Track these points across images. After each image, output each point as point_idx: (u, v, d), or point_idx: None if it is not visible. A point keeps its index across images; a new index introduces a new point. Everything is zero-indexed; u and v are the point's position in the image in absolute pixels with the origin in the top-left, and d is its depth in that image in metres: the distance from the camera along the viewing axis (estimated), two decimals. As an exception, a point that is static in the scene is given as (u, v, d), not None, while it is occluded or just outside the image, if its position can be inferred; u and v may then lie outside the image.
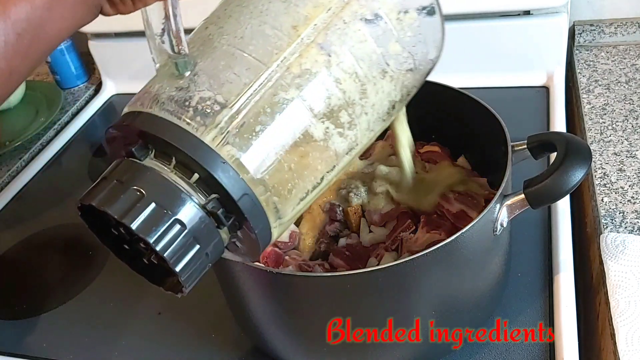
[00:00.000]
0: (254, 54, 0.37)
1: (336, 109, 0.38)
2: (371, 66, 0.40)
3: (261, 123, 0.36)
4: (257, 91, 0.37)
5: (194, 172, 0.36)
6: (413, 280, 0.49)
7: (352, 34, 0.39)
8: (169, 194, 0.35)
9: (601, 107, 0.83)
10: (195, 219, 0.36)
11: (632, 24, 0.95)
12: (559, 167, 0.51)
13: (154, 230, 0.34)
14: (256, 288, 0.53)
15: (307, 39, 0.38)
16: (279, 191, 0.37)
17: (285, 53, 0.37)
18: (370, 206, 0.62)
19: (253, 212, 0.37)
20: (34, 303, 0.75)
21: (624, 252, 0.59)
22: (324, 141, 0.38)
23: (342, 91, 0.38)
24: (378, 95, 0.41)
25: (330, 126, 0.38)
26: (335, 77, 0.38)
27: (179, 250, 0.35)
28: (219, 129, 0.36)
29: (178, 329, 0.67)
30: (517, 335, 0.59)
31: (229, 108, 0.36)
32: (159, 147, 0.36)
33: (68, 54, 1.17)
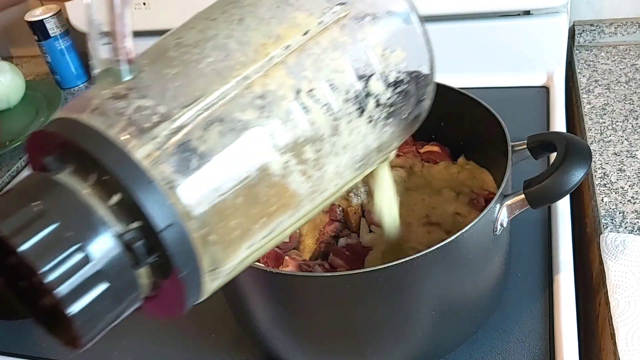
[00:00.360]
0: (212, 66, 0.32)
1: (300, 141, 0.33)
2: (348, 101, 0.35)
3: (207, 144, 0.30)
4: (209, 106, 0.31)
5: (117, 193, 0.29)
6: (413, 280, 0.49)
7: (329, 61, 0.34)
8: (77, 216, 0.28)
9: (601, 107, 0.83)
10: (105, 251, 0.28)
11: (632, 24, 0.95)
12: (559, 167, 0.51)
13: (46, 258, 0.27)
14: (256, 288, 0.53)
15: (276, 59, 0.33)
16: (218, 230, 0.31)
17: (249, 70, 0.32)
18: (370, 206, 0.62)
19: (180, 249, 0.29)
20: (34, 303, 0.75)
21: (624, 252, 0.59)
22: (281, 177, 0.32)
23: (310, 122, 0.33)
24: (352, 136, 0.35)
25: (291, 160, 0.33)
26: (303, 104, 0.33)
27: (77, 288, 0.27)
28: (155, 144, 0.29)
29: (178, 329, 0.67)
30: (517, 335, 0.59)
31: (171, 121, 0.30)
32: (80, 161, 0.30)
33: (68, 54, 1.17)
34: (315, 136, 0.34)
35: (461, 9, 0.91)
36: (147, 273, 0.30)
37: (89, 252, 0.28)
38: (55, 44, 1.15)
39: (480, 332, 0.59)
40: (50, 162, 0.30)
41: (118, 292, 0.29)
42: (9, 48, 1.37)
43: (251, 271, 0.51)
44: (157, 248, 0.29)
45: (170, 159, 0.29)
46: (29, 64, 1.33)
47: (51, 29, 1.13)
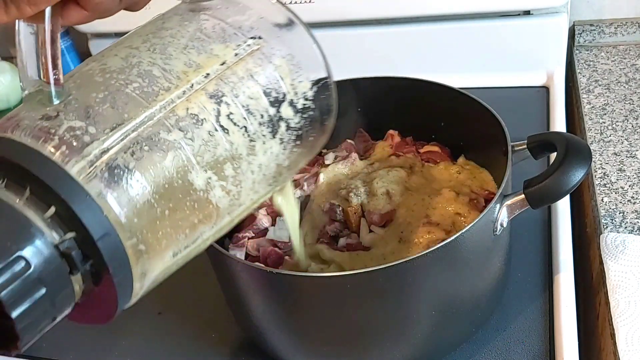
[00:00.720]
0: (138, 91, 0.35)
1: (221, 160, 0.36)
2: (262, 124, 0.38)
3: (136, 162, 0.33)
4: (136, 127, 0.34)
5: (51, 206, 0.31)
6: (413, 280, 0.49)
7: (245, 89, 0.38)
8: (15, 226, 0.30)
9: (601, 107, 0.83)
10: (43, 259, 0.30)
11: (632, 24, 0.95)
12: (559, 167, 0.51)
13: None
14: (256, 288, 0.53)
15: (197, 86, 0.36)
16: (148, 240, 0.33)
17: (172, 95, 0.35)
18: (370, 206, 0.62)
19: (114, 256, 0.32)
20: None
21: (624, 252, 0.59)
22: (204, 192, 0.36)
23: (229, 142, 0.37)
24: (266, 155, 0.39)
25: (213, 177, 0.36)
26: (223, 127, 0.36)
27: (19, 293, 0.29)
28: (87, 162, 0.32)
29: (178, 329, 0.67)
30: (517, 335, 0.59)
31: (101, 141, 0.33)
32: (12, 177, 0.31)
33: (68, 54, 1.17)
34: (234, 155, 0.37)
35: (461, 9, 0.91)
36: (79, 280, 0.32)
37: (29, 260, 0.30)
38: (55, 44, 1.14)
39: (480, 332, 0.59)
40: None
41: (55, 297, 0.31)
42: (9, 48, 1.37)
43: (251, 271, 0.51)
44: (91, 256, 0.32)
45: (102, 175, 0.32)
46: (29, 64, 1.33)
47: (51, 29, 1.13)
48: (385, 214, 0.61)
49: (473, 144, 0.66)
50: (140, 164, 0.33)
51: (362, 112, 0.72)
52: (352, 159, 0.69)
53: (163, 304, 0.70)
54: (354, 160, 0.69)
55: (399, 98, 0.69)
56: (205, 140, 0.36)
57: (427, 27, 0.96)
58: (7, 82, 1.12)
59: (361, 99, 0.71)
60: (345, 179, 0.67)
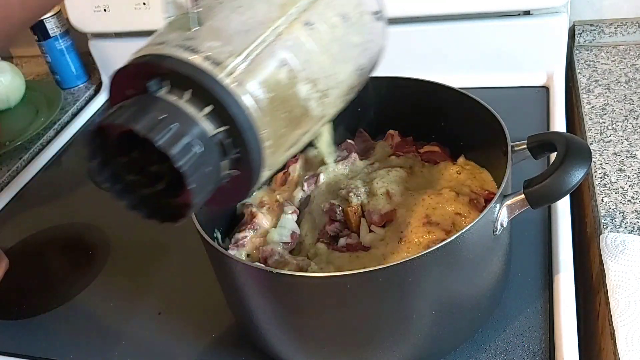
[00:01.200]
0: (253, 19, 0.43)
1: (316, 76, 0.45)
2: (341, 49, 0.47)
3: (262, 73, 0.42)
4: (258, 47, 0.42)
5: (206, 106, 0.40)
6: (413, 280, 0.49)
7: (327, 19, 0.46)
8: (185, 120, 0.39)
9: (601, 107, 0.83)
10: (207, 144, 0.39)
11: (632, 24, 0.95)
12: (559, 167, 0.51)
13: (175, 147, 0.37)
14: (256, 288, 0.53)
15: (293, 16, 0.44)
16: (272, 136, 0.43)
17: (278, 22, 0.43)
18: (370, 206, 0.62)
19: (254, 145, 0.41)
20: (34, 303, 0.75)
21: (624, 252, 0.60)
22: (305, 101, 0.45)
23: (321, 62, 0.45)
24: (343, 75, 0.48)
25: (311, 90, 0.45)
26: (317, 49, 0.45)
27: (194, 167, 0.39)
28: (228, 72, 0.40)
29: (178, 328, 0.67)
30: (517, 335, 0.59)
31: (236, 56, 0.41)
32: (173, 84, 0.40)
33: (68, 54, 1.17)
34: (325, 73, 0.46)
35: (461, 9, 0.91)
36: (225, 165, 0.42)
37: (198, 144, 0.39)
38: (55, 44, 1.15)
39: (480, 332, 0.59)
40: (151, 85, 0.40)
41: (213, 173, 0.41)
42: (9, 48, 1.37)
43: (251, 271, 0.51)
44: (238, 145, 0.41)
45: (239, 82, 0.40)
46: (29, 64, 1.34)
47: (51, 29, 1.13)
48: (385, 214, 0.61)
49: (473, 144, 0.66)
50: (265, 75, 0.42)
51: (362, 112, 0.72)
52: (352, 159, 0.69)
53: (163, 304, 0.70)
54: (354, 160, 0.69)
55: (399, 98, 0.69)
56: (304, 59, 0.44)
57: (427, 27, 0.96)
58: (7, 82, 1.12)
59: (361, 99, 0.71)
60: (345, 179, 0.67)
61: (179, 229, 0.81)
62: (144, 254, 0.78)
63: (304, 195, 0.67)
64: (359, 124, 0.74)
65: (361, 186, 0.64)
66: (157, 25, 0.44)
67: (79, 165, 1.00)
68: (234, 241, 0.63)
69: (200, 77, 0.39)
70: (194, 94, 0.40)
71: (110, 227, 0.83)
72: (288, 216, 0.64)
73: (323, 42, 0.45)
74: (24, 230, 0.87)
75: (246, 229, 0.64)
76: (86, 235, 0.83)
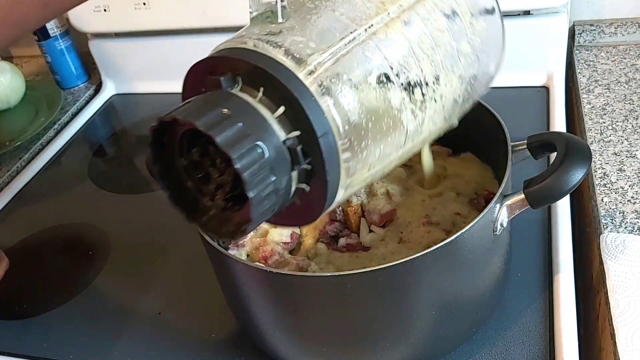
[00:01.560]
0: (344, 15, 0.39)
1: (412, 83, 0.40)
2: (446, 56, 0.42)
3: (348, 74, 0.37)
4: (346, 45, 0.38)
5: (280, 106, 0.36)
6: (413, 280, 0.49)
7: (432, 21, 0.41)
8: (254, 120, 0.35)
9: (601, 107, 0.83)
10: (275, 150, 0.35)
11: (632, 24, 0.95)
12: (559, 167, 0.51)
13: (237, 148, 0.33)
14: (256, 288, 0.53)
15: (393, 14, 0.40)
16: (354, 146, 0.37)
17: (373, 20, 0.39)
18: (370, 206, 0.62)
19: (330, 155, 0.36)
20: (34, 303, 0.75)
21: (624, 252, 0.60)
22: (398, 111, 0.39)
23: (419, 68, 0.40)
24: (447, 87, 0.43)
25: (406, 98, 0.39)
26: (416, 53, 0.40)
27: (256, 175, 0.34)
28: (309, 70, 0.36)
29: (178, 329, 0.67)
30: (517, 335, 0.59)
31: (320, 53, 0.37)
32: (246, 81, 0.36)
33: (68, 53, 1.17)
34: (423, 81, 0.41)
35: (461, 9, 0.91)
36: (296, 177, 0.37)
37: (264, 149, 0.34)
38: (55, 44, 1.15)
39: (480, 332, 0.59)
40: (224, 81, 0.36)
41: (279, 186, 0.35)
42: (9, 48, 1.37)
43: (251, 271, 0.51)
44: (310, 154, 0.36)
45: (322, 83, 0.36)
46: (29, 64, 1.34)
47: (51, 29, 1.13)
48: (385, 214, 0.61)
49: (473, 144, 0.66)
50: (351, 76, 0.37)
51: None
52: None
53: (163, 304, 0.70)
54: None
55: (399, 98, 0.69)
56: (400, 63, 0.39)
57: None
58: (7, 82, 1.12)
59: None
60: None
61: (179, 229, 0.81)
62: (144, 254, 0.78)
63: (304, 195, 0.67)
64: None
65: (361, 186, 0.64)
66: (158, 25, 0.42)
67: (79, 166, 1.00)
68: (234, 241, 0.63)
69: (275, 72, 0.35)
70: (268, 92, 0.36)
71: (110, 227, 0.83)
72: (288, 216, 0.64)
73: (425, 46, 0.40)
74: (24, 230, 0.87)
75: (246, 229, 0.64)
76: (86, 235, 0.83)
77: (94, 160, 1.01)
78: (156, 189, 0.88)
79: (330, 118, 0.36)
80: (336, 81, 0.37)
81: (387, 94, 0.38)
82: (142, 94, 1.14)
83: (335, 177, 0.37)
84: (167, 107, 0.35)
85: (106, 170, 1.00)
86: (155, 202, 0.87)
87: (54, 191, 0.95)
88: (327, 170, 0.36)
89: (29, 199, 0.95)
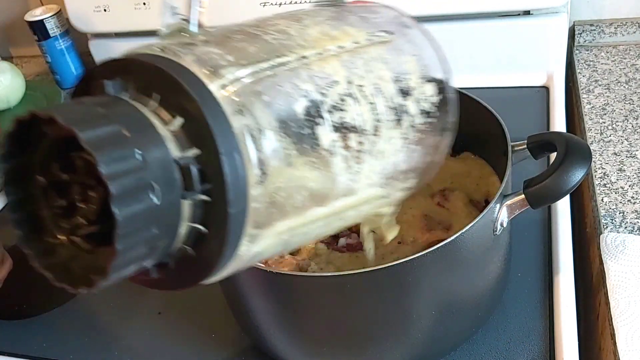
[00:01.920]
0: (275, 40, 0.34)
1: (348, 127, 0.34)
2: (388, 108, 0.37)
3: (270, 96, 0.31)
4: (272, 67, 0.32)
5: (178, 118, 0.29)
6: (413, 280, 0.49)
7: (376, 69, 0.37)
8: (139, 127, 0.28)
9: (601, 107, 0.83)
10: (162, 166, 0.27)
11: (632, 24, 0.95)
12: (559, 167, 0.51)
13: (106, 150, 0.26)
14: (256, 288, 0.53)
15: (332, 52, 0.36)
16: (268, 182, 0.30)
17: (308, 52, 0.34)
18: (370, 206, 0.62)
19: (236, 182, 0.28)
20: (34, 303, 0.75)
21: (624, 252, 0.60)
22: (327, 153, 0.33)
23: (357, 113, 0.35)
24: (387, 144, 0.37)
25: (338, 142, 0.34)
26: (353, 95, 0.35)
27: (128, 189, 0.26)
28: (222, 83, 0.30)
29: (178, 329, 0.67)
30: (517, 335, 0.59)
31: (237, 67, 0.31)
32: (141, 88, 0.30)
33: (68, 53, 1.17)
34: (360, 128, 0.35)
35: (461, 9, 0.91)
36: (188, 206, 0.29)
37: (146, 159, 0.27)
38: (55, 44, 1.15)
39: (480, 332, 0.59)
40: (111, 85, 0.30)
41: (161, 216, 0.27)
42: (9, 48, 1.37)
43: (251, 271, 0.51)
44: (210, 180, 0.28)
45: (234, 99, 0.30)
46: (29, 64, 1.33)
47: (51, 29, 1.13)
48: (385, 214, 0.61)
49: (473, 144, 0.66)
50: (273, 100, 0.31)
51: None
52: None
53: (163, 304, 0.70)
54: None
55: (399, 98, 0.69)
56: (335, 101, 0.34)
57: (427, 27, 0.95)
58: (8, 82, 1.12)
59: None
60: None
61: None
62: (144, 254, 0.78)
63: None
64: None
65: (361, 186, 0.63)
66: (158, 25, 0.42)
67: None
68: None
69: (179, 77, 0.28)
70: (167, 102, 0.29)
71: (110, 227, 0.83)
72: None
73: (366, 91, 0.36)
74: (24, 230, 0.87)
75: (246, 229, 0.64)
76: (86, 235, 0.83)
77: (94, 160, 1.01)
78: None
79: (240, 139, 0.29)
80: (254, 101, 0.30)
81: (314, 129, 0.32)
82: (142, 94, 1.14)
83: (240, 213, 0.29)
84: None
85: (106, 170, 1.00)
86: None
87: (54, 191, 0.95)
88: (230, 201, 0.28)
89: (29, 199, 0.95)
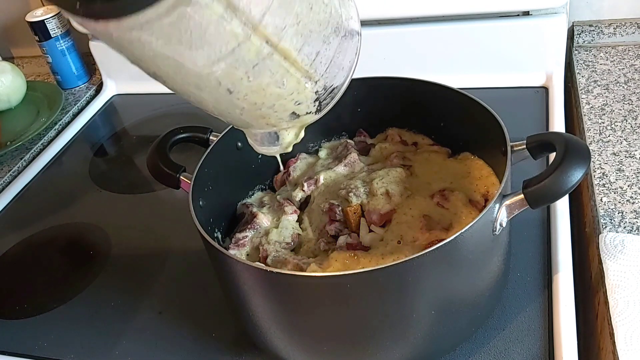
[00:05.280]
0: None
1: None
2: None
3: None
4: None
5: None
6: (413, 280, 0.49)
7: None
8: None
9: (600, 108, 0.83)
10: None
11: (631, 24, 0.95)
12: (558, 167, 0.51)
13: None
14: (256, 288, 0.53)
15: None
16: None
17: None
18: (370, 206, 0.62)
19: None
20: (34, 303, 0.75)
21: (622, 251, 0.60)
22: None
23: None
24: None
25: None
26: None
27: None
28: None
29: (178, 328, 0.67)
30: (516, 335, 0.59)
31: None
32: None
33: (69, 54, 1.17)
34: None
35: (461, 9, 0.91)
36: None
37: None
38: (56, 45, 1.15)
39: (480, 332, 0.59)
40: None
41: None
42: (10, 48, 1.37)
43: (251, 271, 0.51)
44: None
45: None
46: (30, 65, 1.34)
47: (52, 29, 1.13)
48: (384, 214, 0.61)
49: (473, 144, 0.66)
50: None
51: (362, 112, 0.73)
52: (351, 159, 0.69)
53: (163, 304, 0.70)
54: (354, 161, 0.69)
55: (398, 98, 0.70)
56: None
57: (427, 27, 0.96)
58: (9, 83, 1.12)
59: (361, 99, 0.71)
60: (344, 179, 0.67)
61: (180, 229, 0.81)
62: (144, 254, 0.78)
63: (304, 195, 0.67)
64: (359, 124, 0.74)
65: (361, 186, 0.64)
66: None
67: (80, 166, 1.00)
68: (234, 241, 0.63)
69: None
70: None
71: (110, 227, 0.83)
72: (289, 217, 0.64)
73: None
74: (25, 230, 0.87)
75: (246, 229, 0.64)
76: (86, 235, 0.83)
77: (95, 160, 1.02)
78: (157, 188, 0.89)
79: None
80: None
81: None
82: (142, 94, 1.14)
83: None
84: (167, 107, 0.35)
85: (107, 170, 1.00)
86: (155, 202, 0.87)
87: (54, 191, 0.96)
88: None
89: (30, 198, 0.95)
